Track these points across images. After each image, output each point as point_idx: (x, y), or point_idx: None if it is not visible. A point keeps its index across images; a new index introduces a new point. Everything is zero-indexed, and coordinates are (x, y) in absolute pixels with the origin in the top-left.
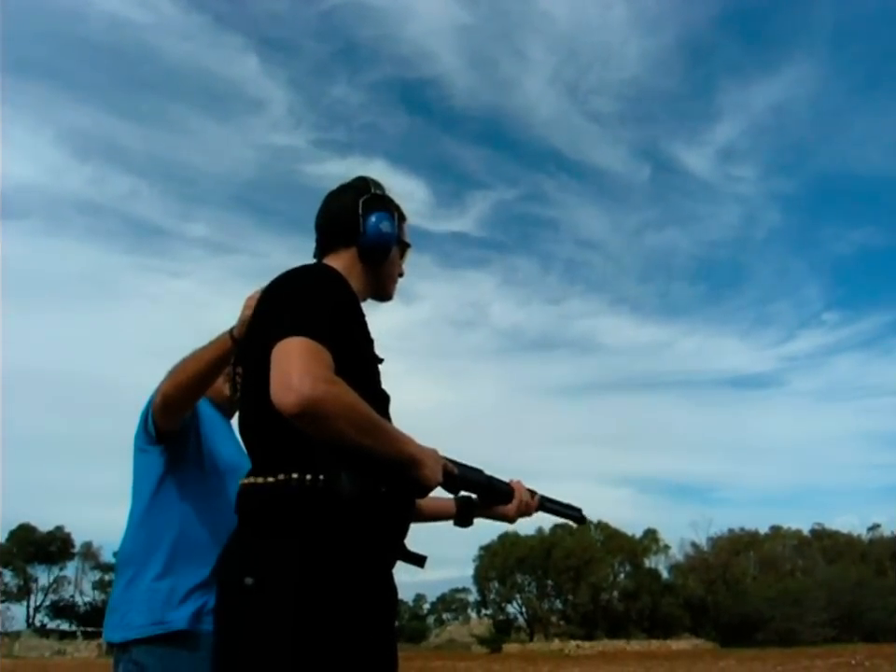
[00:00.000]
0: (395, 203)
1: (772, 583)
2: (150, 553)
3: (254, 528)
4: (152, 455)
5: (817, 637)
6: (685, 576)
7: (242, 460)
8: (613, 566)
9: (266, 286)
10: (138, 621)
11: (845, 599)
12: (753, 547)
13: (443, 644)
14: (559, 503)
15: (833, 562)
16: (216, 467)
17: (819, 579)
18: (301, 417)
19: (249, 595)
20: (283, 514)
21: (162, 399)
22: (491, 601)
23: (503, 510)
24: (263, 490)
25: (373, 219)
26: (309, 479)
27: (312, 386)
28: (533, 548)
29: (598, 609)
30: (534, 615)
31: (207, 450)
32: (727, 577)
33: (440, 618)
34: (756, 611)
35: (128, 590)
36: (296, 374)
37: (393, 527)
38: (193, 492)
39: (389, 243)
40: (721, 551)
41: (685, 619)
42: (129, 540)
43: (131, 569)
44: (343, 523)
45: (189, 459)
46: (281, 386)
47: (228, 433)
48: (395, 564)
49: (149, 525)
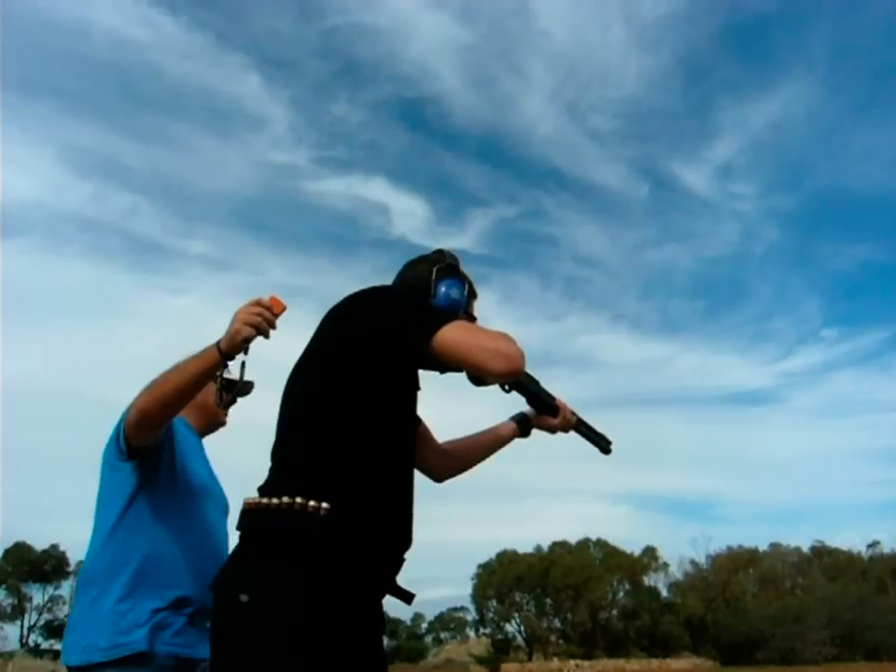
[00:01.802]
0: (468, 277)
1: (772, 601)
2: (116, 573)
3: (254, 548)
4: (122, 471)
5: (818, 655)
6: (685, 594)
7: (212, 483)
8: (612, 584)
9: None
10: (101, 643)
11: (846, 617)
12: (753, 565)
13: (441, 664)
14: (593, 430)
15: (833, 580)
16: (189, 487)
17: (819, 597)
18: (515, 375)
19: (244, 612)
20: (284, 537)
21: (138, 415)
22: (489, 620)
23: (550, 422)
24: (267, 511)
25: (443, 285)
26: (313, 506)
27: (517, 350)
28: (531, 566)
29: (597, 627)
30: (532, 634)
31: (181, 469)
32: (727, 595)
33: (438, 637)
34: (756, 630)
35: (91, 610)
36: (500, 343)
37: (385, 562)
38: (165, 512)
39: (457, 309)
40: (721, 568)
41: (685, 638)
42: (93, 558)
43: (95, 589)
44: (342, 552)
45: (161, 478)
46: (492, 356)
47: (201, 453)
48: (384, 596)
49: (116, 543)
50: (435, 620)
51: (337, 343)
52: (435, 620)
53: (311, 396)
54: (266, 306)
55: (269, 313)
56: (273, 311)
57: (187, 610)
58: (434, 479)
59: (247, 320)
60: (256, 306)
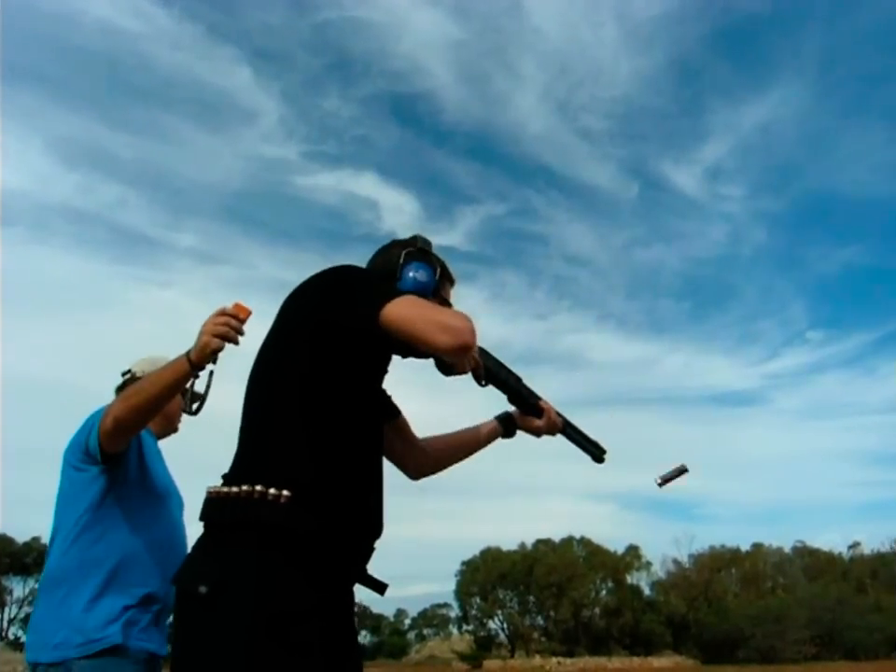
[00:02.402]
0: (441, 262)
1: (753, 601)
2: (87, 572)
3: (214, 537)
4: (89, 473)
5: (798, 654)
6: (667, 593)
7: (172, 484)
8: (595, 582)
9: (294, 289)
10: (76, 640)
11: (826, 617)
12: (735, 564)
13: (424, 660)
14: (584, 435)
15: (814, 580)
16: (154, 489)
17: (800, 596)
18: (463, 350)
19: (202, 603)
20: (243, 526)
21: (114, 423)
22: (472, 617)
23: (534, 423)
24: (227, 500)
25: (410, 269)
26: (273, 493)
27: (465, 325)
28: (515, 563)
29: (580, 625)
30: (515, 631)
31: (147, 472)
32: (709, 594)
33: (420, 633)
34: (737, 629)
35: (61, 609)
36: (448, 317)
37: (350, 550)
38: (134, 513)
39: (424, 292)
40: (703, 568)
41: (667, 636)
42: (59, 558)
43: (63, 588)
44: (302, 540)
45: (130, 481)
46: (439, 331)
47: (159, 456)
48: (352, 585)
49: (86, 543)
50: (418, 616)
51: (292, 325)
52: (418, 616)
53: (270, 382)
54: (231, 314)
55: (235, 321)
56: (239, 317)
57: (153, 608)
58: (409, 476)
59: (215, 331)
60: (221, 316)
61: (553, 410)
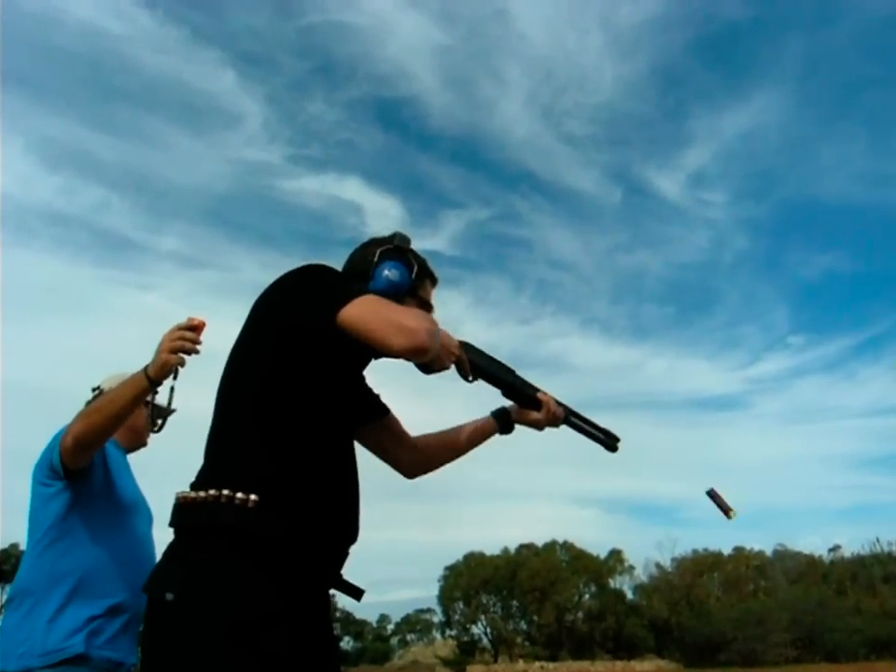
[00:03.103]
0: (421, 260)
1: (735, 604)
2: (53, 584)
3: (182, 543)
4: (52, 489)
5: (779, 657)
6: (650, 597)
7: (138, 496)
8: (578, 586)
9: (262, 292)
10: (39, 649)
11: (806, 620)
12: (717, 568)
13: (407, 665)
14: (592, 424)
15: (795, 583)
16: (119, 502)
17: (781, 599)
18: (418, 352)
19: (169, 611)
20: (210, 531)
21: (74, 441)
22: (455, 622)
23: (532, 416)
24: (194, 505)
25: (384, 268)
26: (240, 497)
27: (423, 325)
28: (498, 568)
29: (563, 629)
30: (498, 636)
31: (113, 486)
32: (691, 598)
33: (404, 639)
34: (719, 632)
35: (27, 619)
36: (405, 318)
37: (321, 554)
38: (99, 526)
39: (395, 292)
40: (686, 571)
41: (649, 640)
42: (27, 571)
43: (30, 599)
44: (270, 545)
45: (95, 494)
46: (394, 332)
47: (127, 469)
48: (326, 590)
49: (53, 556)
50: (401, 621)
51: (257, 328)
52: (401, 621)
53: (238, 385)
54: (186, 327)
55: (191, 333)
56: (195, 330)
57: (121, 618)
58: (404, 475)
59: (172, 347)
60: (176, 331)
61: (552, 400)
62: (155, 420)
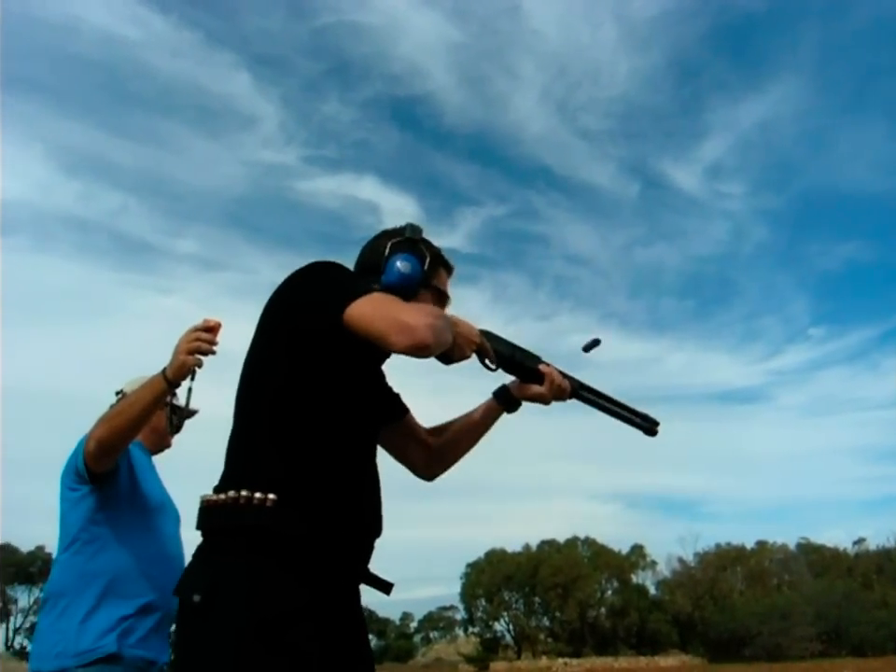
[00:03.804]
0: (435, 250)
1: (759, 598)
2: (85, 586)
3: (207, 545)
4: (80, 493)
5: (804, 651)
6: (672, 592)
7: (165, 497)
8: (601, 582)
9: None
10: (74, 649)
11: (832, 613)
12: (740, 562)
13: (431, 663)
14: (605, 397)
15: (819, 576)
16: (146, 503)
17: (805, 593)
18: (420, 350)
19: (196, 612)
20: (231, 533)
21: (97, 445)
22: (478, 619)
23: (537, 391)
24: (215, 507)
25: (394, 260)
26: (259, 497)
27: (425, 322)
28: (520, 565)
29: (586, 625)
30: (521, 633)
31: (138, 487)
32: (714, 592)
33: (427, 636)
34: (743, 627)
35: (61, 620)
36: (407, 315)
37: (345, 549)
38: (127, 527)
39: (408, 284)
40: (708, 566)
41: (673, 635)
42: (59, 573)
43: (63, 600)
44: (291, 542)
45: (122, 497)
46: (395, 331)
47: (153, 470)
48: (353, 585)
49: (83, 558)
50: (424, 619)
51: (269, 328)
52: (424, 619)
53: (253, 386)
54: (203, 328)
55: (207, 334)
56: (212, 331)
57: (152, 617)
58: (421, 476)
59: (189, 349)
60: (193, 333)
61: (554, 372)
62: (173, 421)
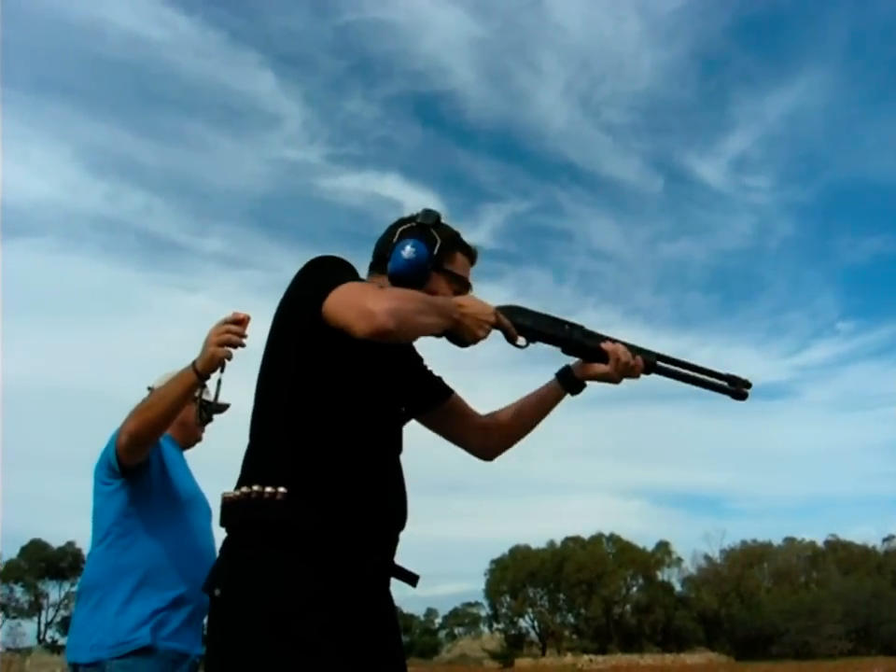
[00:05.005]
0: (450, 233)
1: (786, 596)
2: (119, 579)
3: (229, 541)
4: (113, 486)
5: (833, 650)
6: (698, 589)
7: (196, 490)
8: (626, 579)
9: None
10: (109, 641)
11: (861, 611)
12: (767, 559)
13: (455, 659)
14: (688, 365)
15: (847, 573)
16: (178, 496)
17: (834, 591)
18: (381, 335)
19: (218, 606)
20: (247, 527)
21: (129, 438)
22: (503, 615)
23: (601, 370)
24: (232, 503)
25: (401, 246)
26: (269, 491)
27: (387, 306)
28: (544, 561)
29: (611, 622)
30: (546, 629)
31: (170, 481)
32: (741, 589)
33: (451, 633)
34: (770, 624)
35: (95, 613)
36: (371, 300)
37: (364, 540)
38: (159, 521)
39: (414, 270)
40: (735, 563)
41: (699, 632)
42: (93, 567)
43: (98, 593)
44: (305, 534)
45: (153, 490)
46: (356, 317)
47: (184, 464)
48: (384, 578)
49: (117, 551)
50: (449, 615)
51: (279, 325)
52: (449, 615)
53: (267, 383)
54: (232, 321)
55: (237, 327)
56: (241, 324)
57: (184, 609)
58: (477, 456)
59: (219, 341)
60: (223, 325)
61: (620, 348)
62: (202, 416)
